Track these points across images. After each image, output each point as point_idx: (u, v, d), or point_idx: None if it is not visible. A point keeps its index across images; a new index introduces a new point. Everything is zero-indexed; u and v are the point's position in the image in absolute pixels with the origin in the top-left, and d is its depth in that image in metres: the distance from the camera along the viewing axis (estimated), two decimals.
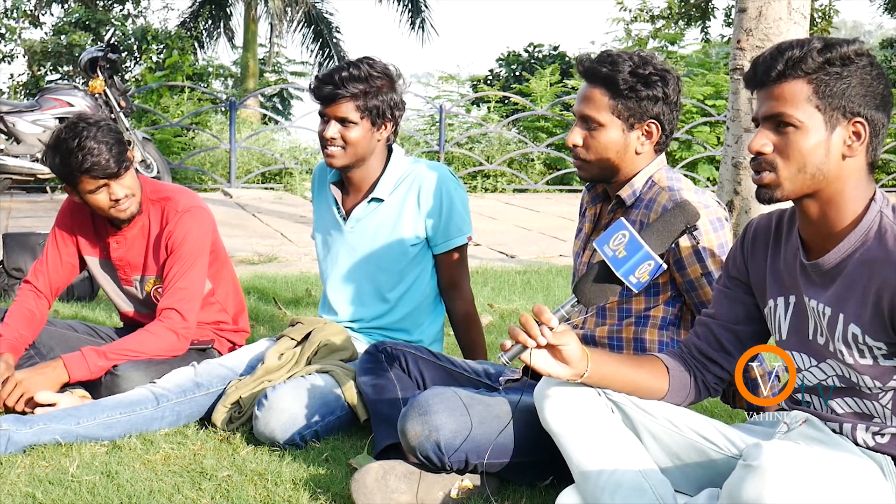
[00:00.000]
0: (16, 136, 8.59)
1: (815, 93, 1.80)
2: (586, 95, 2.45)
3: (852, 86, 1.79)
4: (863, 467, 1.83)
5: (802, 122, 1.80)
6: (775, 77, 1.82)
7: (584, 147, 2.45)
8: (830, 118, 1.80)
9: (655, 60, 2.45)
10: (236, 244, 6.79)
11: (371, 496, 2.26)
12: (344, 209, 3.09)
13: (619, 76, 2.39)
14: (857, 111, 1.80)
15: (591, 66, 2.43)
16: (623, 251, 1.93)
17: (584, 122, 2.45)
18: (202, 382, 2.92)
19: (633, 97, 2.40)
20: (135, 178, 3.04)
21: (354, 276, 3.09)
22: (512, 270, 5.99)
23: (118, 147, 2.94)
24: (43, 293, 3.19)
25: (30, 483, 2.40)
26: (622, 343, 2.48)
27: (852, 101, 1.80)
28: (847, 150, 1.82)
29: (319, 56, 19.91)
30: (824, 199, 1.85)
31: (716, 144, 11.87)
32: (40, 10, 17.15)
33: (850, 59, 1.80)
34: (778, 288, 2.00)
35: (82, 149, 2.89)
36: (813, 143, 1.81)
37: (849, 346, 1.86)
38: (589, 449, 2.01)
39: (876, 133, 1.83)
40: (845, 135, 1.81)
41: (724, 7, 19.97)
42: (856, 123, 1.81)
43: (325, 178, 3.17)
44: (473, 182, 11.66)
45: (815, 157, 1.81)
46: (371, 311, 3.09)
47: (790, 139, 1.82)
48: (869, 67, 1.81)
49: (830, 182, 1.83)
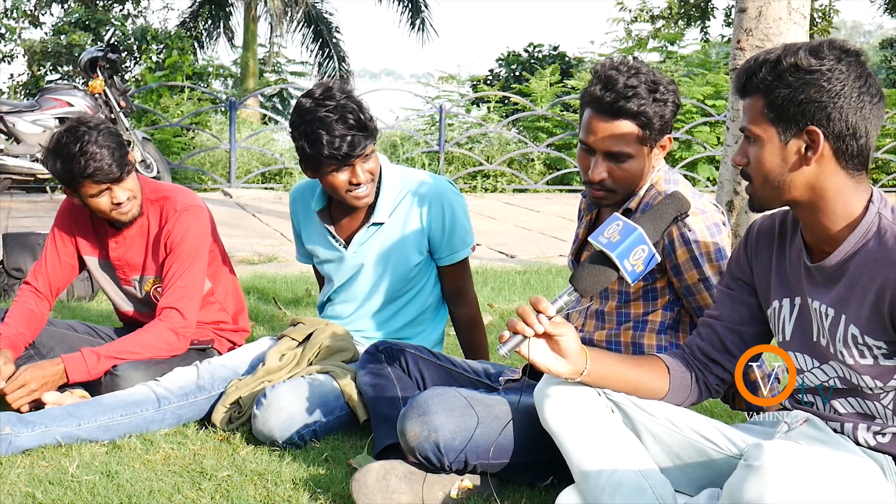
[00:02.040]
0: (16, 136, 8.58)
1: (766, 106, 1.84)
2: (611, 131, 2.36)
3: (804, 95, 1.79)
4: (863, 467, 1.83)
5: (759, 136, 1.86)
6: (740, 93, 1.90)
7: (611, 179, 2.41)
8: (783, 129, 1.83)
9: (652, 71, 2.40)
10: (236, 244, 6.79)
11: (372, 496, 2.26)
12: (341, 237, 3.05)
13: (648, 109, 2.34)
14: (810, 119, 1.80)
15: (617, 102, 2.32)
16: (617, 236, 1.94)
17: (609, 156, 2.38)
18: (205, 385, 2.92)
19: (661, 122, 2.37)
20: (136, 180, 3.04)
21: (362, 294, 3.09)
22: (512, 270, 5.99)
23: (120, 151, 2.93)
24: (43, 294, 3.19)
25: (30, 483, 2.40)
26: (620, 347, 2.48)
27: (803, 110, 1.80)
28: (803, 160, 1.83)
29: (319, 56, 19.90)
30: (808, 206, 1.87)
31: (716, 144, 11.86)
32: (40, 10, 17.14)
33: (802, 69, 1.79)
34: (783, 289, 2.00)
35: (84, 154, 2.88)
36: (768, 155, 1.85)
37: (849, 347, 1.86)
38: (589, 449, 2.01)
39: (841, 137, 1.80)
40: (800, 144, 1.82)
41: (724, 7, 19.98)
42: (809, 132, 1.81)
43: (307, 204, 3.11)
44: (473, 182, 11.66)
45: (773, 168, 1.85)
46: (378, 324, 3.10)
47: (754, 152, 1.88)
48: (831, 73, 1.78)
49: (802, 190, 1.85)
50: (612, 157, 2.38)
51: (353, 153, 2.79)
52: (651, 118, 2.35)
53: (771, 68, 1.83)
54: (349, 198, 2.89)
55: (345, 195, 2.89)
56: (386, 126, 12.10)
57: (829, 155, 1.82)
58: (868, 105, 1.80)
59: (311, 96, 2.85)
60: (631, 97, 2.33)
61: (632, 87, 2.33)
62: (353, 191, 2.88)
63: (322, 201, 3.04)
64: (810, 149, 1.82)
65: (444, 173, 11.50)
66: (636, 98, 2.33)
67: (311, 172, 2.90)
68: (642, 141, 2.38)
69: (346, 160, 2.80)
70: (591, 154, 2.41)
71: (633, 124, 2.35)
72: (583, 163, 2.44)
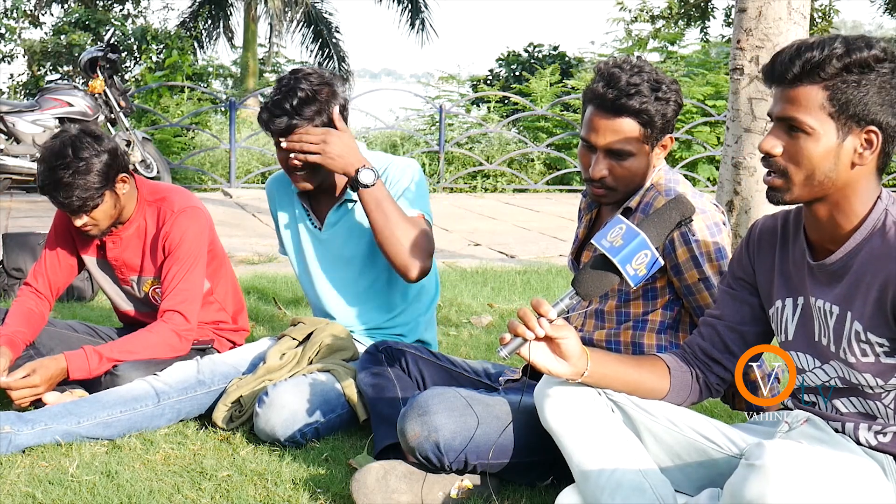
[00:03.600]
0: (16, 136, 8.58)
1: (829, 100, 1.77)
2: (612, 128, 2.36)
3: (869, 94, 1.75)
4: (864, 467, 1.83)
5: (814, 129, 1.78)
6: (791, 79, 1.79)
7: (612, 177, 2.40)
8: (843, 126, 1.77)
9: (660, 72, 2.40)
10: (236, 244, 6.78)
11: (372, 496, 2.26)
12: (317, 217, 3.06)
13: (650, 107, 2.33)
14: (871, 119, 1.77)
15: (619, 100, 2.32)
16: (620, 240, 1.93)
17: (610, 153, 2.38)
18: (205, 380, 2.92)
19: (663, 121, 2.37)
20: (105, 208, 3.00)
21: (341, 279, 3.07)
22: (512, 270, 5.98)
23: (92, 188, 2.92)
24: (43, 294, 3.19)
25: (30, 483, 2.40)
26: (620, 347, 2.48)
27: (867, 109, 1.76)
28: (857, 159, 1.79)
29: (319, 56, 19.91)
30: (833, 203, 1.84)
31: (716, 144, 11.86)
32: (40, 10, 17.16)
33: (870, 66, 1.75)
34: (786, 289, 2.00)
35: (56, 183, 2.90)
36: (823, 150, 1.78)
37: (851, 345, 1.86)
38: (589, 448, 2.01)
39: (890, 139, 1.79)
40: (857, 143, 1.78)
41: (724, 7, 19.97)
42: (869, 132, 1.78)
43: (284, 191, 3.12)
44: (473, 182, 11.66)
45: (824, 164, 1.79)
46: (363, 309, 3.08)
47: (801, 145, 1.80)
48: (889, 74, 1.76)
49: (839, 188, 1.82)
50: (613, 154, 2.38)
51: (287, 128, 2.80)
52: (653, 116, 2.35)
53: (838, 60, 1.75)
54: (291, 177, 2.92)
55: (287, 173, 2.93)
56: (386, 126, 12.10)
57: (876, 155, 1.80)
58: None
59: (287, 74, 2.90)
60: (633, 95, 2.32)
61: (634, 84, 2.33)
62: (291, 171, 2.90)
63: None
64: (868, 149, 1.78)
65: (444, 173, 11.51)
66: (638, 96, 2.32)
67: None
68: (643, 139, 2.37)
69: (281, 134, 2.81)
70: (593, 151, 2.41)
71: (635, 122, 2.35)
72: (584, 160, 2.44)
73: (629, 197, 2.45)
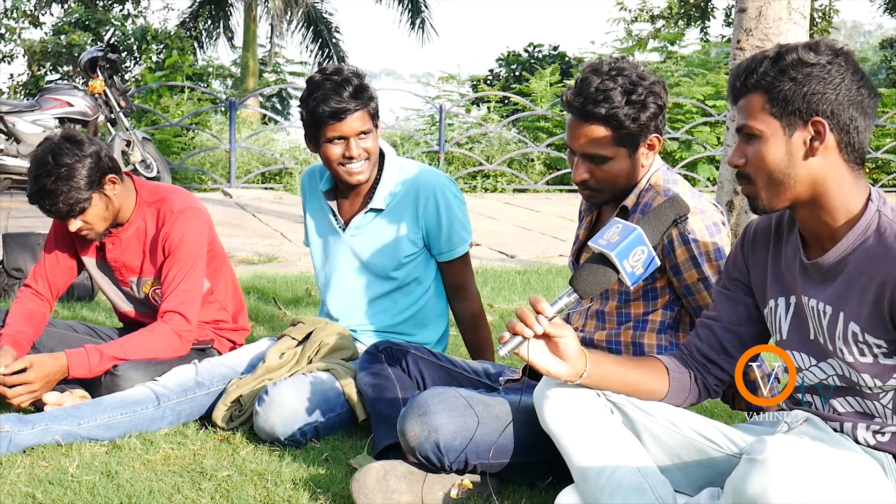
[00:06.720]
0: (16, 136, 8.58)
1: (769, 101, 1.85)
2: (584, 134, 2.37)
3: (810, 88, 1.81)
4: (865, 464, 1.83)
5: (762, 131, 1.86)
6: (738, 93, 1.91)
7: (593, 179, 2.43)
8: (788, 123, 1.84)
9: (639, 72, 2.38)
10: (236, 244, 6.79)
11: (372, 496, 2.26)
12: (342, 218, 3.07)
13: (619, 112, 2.33)
14: (814, 110, 1.82)
15: (586, 107, 2.34)
16: (616, 237, 1.95)
17: (587, 157, 2.40)
18: (203, 381, 2.92)
19: (635, 125, 2.37)
20: (96, 211, 3.01)
21: (356, 282, 3.08)
22: (512, 270, 5.99)
23: (77, 192, 2.92)
24: (43, 295, 3.19)
25: (30, 483, 2.40)
26: (620, 347, 2.49)
27: (807, 102, 1.82)
28: (809, 151, 1.84)
29: (319, 56, 19.91)
30: (812, 204, 1.88)
31: (716, 144, 11.86)
32: (40, 10, 17.16)
33: (805, 62, 1.82)
34: (779, 288, 2.01)
35: (41, 191, 2.92)
36: (774, 149, 1.85)
37: (848, 345, 1.86)
38: (589, 449, 2.01)
39: (845, 129, 1.83)
40: (805, 136, 1.84)
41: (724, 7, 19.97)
42: (815, 123, 1.83)
43: (315, 186, 3.14)
44: (473, 182, 11.67)
45: (778, 162, 1.85)
46: (373, 316, 3.09)
47: (756, 149, 1.87)
48: (828, 66, 1.82)
49: (806, 185, 1.85)
50: (590, 158, 2.41)
51: (344, 110, 2.82)
52: (622, 121, 2.34)
53: (772, 64, 1.85)
54: (342, 172, 2.92)
55: (338, 168, 2.92)
56: (386, 126, 12.09)
57: (833, 147, 1.84)
58: (866, 98, 1.84)
59: (321, 72, 2.92)
60: (601, 101, 2.33)
61: (603, 90, 2.33)
62: (346, 164, 2.90)
63: (329, 182, 3.08)
64: (816, 140, 1.83)
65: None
66: (606, 102, 2.33)
67: (312, 146, 2.94)
68: (618, 143, 2.38)
69: (338, 116, 2.82)
70: (574, 155, 2.44)
71: (604, 128, 2.36)
72: (570, 163, 2.48)
73: (623, 196, 2.46)
